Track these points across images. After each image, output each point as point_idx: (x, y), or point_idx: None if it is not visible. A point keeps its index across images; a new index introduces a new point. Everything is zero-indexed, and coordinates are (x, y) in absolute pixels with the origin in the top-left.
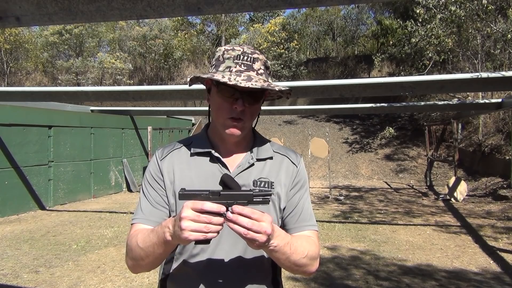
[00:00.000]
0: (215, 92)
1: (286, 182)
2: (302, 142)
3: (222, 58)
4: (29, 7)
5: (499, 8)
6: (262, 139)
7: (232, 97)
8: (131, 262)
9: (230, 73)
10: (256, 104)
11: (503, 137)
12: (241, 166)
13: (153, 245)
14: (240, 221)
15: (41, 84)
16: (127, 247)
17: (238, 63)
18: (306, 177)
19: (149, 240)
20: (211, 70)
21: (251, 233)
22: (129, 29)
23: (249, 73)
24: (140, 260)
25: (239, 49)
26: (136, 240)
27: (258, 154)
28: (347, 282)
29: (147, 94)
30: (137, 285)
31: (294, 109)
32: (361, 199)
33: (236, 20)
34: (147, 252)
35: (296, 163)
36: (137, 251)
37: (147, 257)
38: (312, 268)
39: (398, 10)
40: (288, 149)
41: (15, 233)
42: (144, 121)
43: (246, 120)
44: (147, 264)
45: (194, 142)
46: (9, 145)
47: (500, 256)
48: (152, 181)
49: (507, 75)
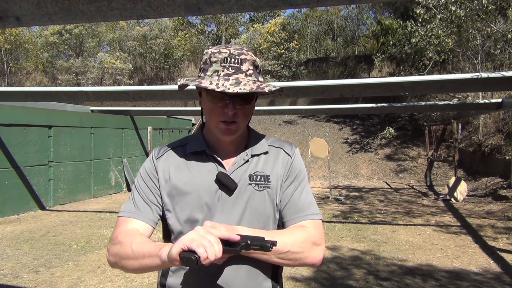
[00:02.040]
0: (205, 97)
1: (281, 173)
2: (302, 142)
3: (209, 62)
4: (29, 7)
5: (499, 8)
6: (257, 135)
7: (222, 101)
8: (114, 259)
9: (218, 77)
10: (248, 104)
11: (503, 137)
12: (237, 163)
13: (145, 254)
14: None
15: (41, 84)
16: (115, 240)
17: (225, 66)
18: (303, 168)
19: (143, 249)
20: (199, 74)
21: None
22: (129, 29)
23: (237, 75)
24: (126, 263)
25: (226, 52)
26: (131, 244)
27: (253, 150)
28: (348, 282)
29: (147, 94)
30: (137, 285)
31: (294, 109)
32: (361, 199)
33: (236, 20)
34: (138, 260)
35: (290, 153)
36: (127, 255)
37: (134, 263)
38: (309, 259)
39: (398, 10)
40: (284, 141)
41: (15, 233)
42: (144, 121)
43: (240, 121)
44: (131, 268)
45: (190, 142)
46: (9, 145)
47: (500, 256)
48: (147, 179)
49: (507, 75)
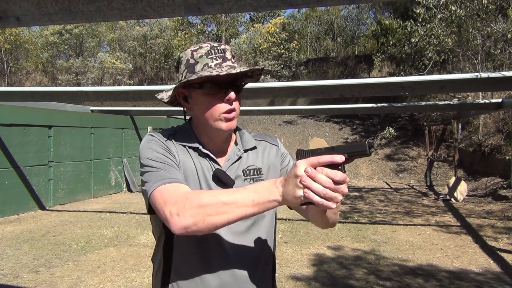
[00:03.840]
0: (201, 95)
1: (274, 162)
2: (302, 142)
3: (193, 60)
4: (29, 7)
5: (499, 7)
6: (243, 130)
7: (221, 90)
8: (193, 218)
9: (211, 68)
10: (240, 93)
11: (503, 137)
12: (230, 159)
13: (247, 203)
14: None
15: (41, 84)
16: (187, 202)
17: (213, 57)
18: (287, 152)
19: (241, 197)
20: (185, 75)
21: (330, 193)
22: (129, 29)
23: (226, 63)
24: (214, 217)
25: (207, 45)
26: (215, 195)
27: (243, 145)
28: (348, 282)
29: (147, 94)
30: (137, 285)
31: (294, 109)
32: (361, 199)
33: (236, 20)
34: (233, 210)
35: (276, 143)
36: (216, 206)
37: (227, 214)
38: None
39: (398, 10)
40: (263, 135)
41: (15, 233)
42: (144, 121)
43: (237, 109)
44: (221, 221)
45: (180, 136)
46: (9, 145)
47: (500, 256)
48: (165, 152)
49: (507, 75)
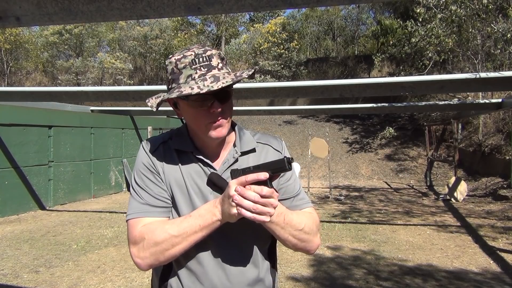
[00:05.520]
0: (186, 105)
1: None
2: (302, 142)
3: (177, 70)
4: (29, 7)
5: (499, 7)
6: (243, 130)
7: (205, 102)
8: (153, 257)
9: (195, 81)
10: (229, 99)
11: (503, 137)
12: (227, 162)
13: (195, 229)
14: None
15: (41, 84)
16: (138, 239)
17: (196, 67)
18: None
19: (188, 226)
20: (170, 86)
21: (260, 208)
22: (129, 29)
23: (212, 72)
24: (170, 250)
25: (190, 54)
26: (166, 230)
27: (241, 147)
28: (348, 282)
29: (147, 94)
30: (137, 285)
31: (294, 109)
32: (361, 199)
33: (236, 20)
34: (185, 239)
35: (279, 149)
36: (170, 241)
37: (181, 244)
38: (312, 244)
39: (398, 10)
40: (269, 136)
41: (15, 233)
42: (144, 121)
43: (227, 118)
44: (177, 252)
45: (175, 139)
46: (9, 145)
47: (500, 256)
48: (149, 174)
49: (507, 75)
